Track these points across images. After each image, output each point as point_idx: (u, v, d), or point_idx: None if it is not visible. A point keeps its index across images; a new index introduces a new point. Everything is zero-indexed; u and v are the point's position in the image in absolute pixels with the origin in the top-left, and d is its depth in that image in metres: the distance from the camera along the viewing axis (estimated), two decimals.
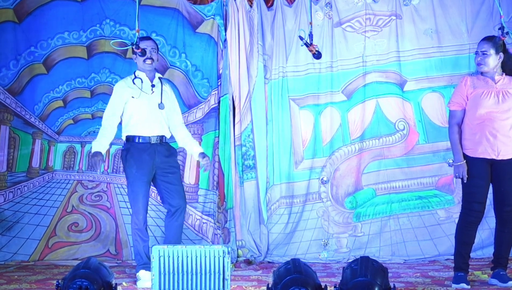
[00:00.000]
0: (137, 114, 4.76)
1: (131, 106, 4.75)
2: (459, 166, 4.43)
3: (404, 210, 5.93)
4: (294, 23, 6.11)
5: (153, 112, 4.78)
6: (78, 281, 3.27)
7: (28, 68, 6.11)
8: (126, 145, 4.80)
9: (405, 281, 4.55)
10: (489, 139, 4.35)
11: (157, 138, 4.78)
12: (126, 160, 4.74)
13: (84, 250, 5.91)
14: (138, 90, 4.76)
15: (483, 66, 4.43)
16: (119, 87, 4.84)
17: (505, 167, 4.38)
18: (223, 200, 6.05)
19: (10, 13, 6.07)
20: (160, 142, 4.80)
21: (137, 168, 4.69)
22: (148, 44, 4.84)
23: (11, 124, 6.05)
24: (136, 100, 4.74)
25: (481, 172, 4.39)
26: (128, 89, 4.78)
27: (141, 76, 4.84)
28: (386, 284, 3.24)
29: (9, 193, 6.00)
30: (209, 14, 6.17)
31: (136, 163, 4.69)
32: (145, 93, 4.78)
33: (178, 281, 3.51)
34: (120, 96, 4.79)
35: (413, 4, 6.04)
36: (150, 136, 4.75)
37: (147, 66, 4.83)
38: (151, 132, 4.76)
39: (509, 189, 4.38)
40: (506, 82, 4.43)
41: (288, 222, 6.01)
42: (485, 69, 4.43)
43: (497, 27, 5.28)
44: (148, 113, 4.77)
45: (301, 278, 3.23)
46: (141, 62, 4.81)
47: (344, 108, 6.09)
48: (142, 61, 4.79)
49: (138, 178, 4.69)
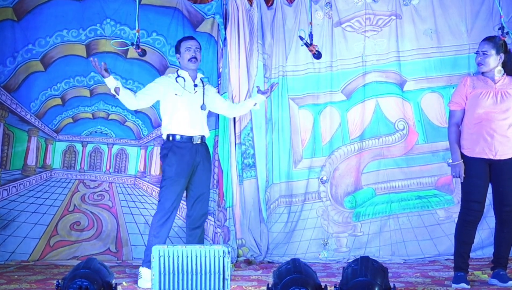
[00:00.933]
0: (180, 113, 4.75)
1: (174, 104, 4.74)
2: (456, 165, 4.44)
3: (403, 209, 5.94)
4: (294, 23, 6.12)
5: (195, 111, 4.79)
6: (78, 281, 3.27)
7: (25, 65, 6.10)
8: (167, 144, 4.77)
9: (405, 281, 4.55)
10: (487, 139, 4.35)
11: (198, 137, 4.79)
12: (166, 158, 4.71)
13: (85, 249, 5.92)
14: (182, 89, 4.76)
15: (483, 66, 4.43)
16: (164, 79, 4.87)
17: (503, 167, 4.38)
18: (222, 198, 6.05)
19: (9, 12, 6.07)
20: (201, 142, 4.82)
21: (178, 167, 4.68)
22: (192, 43, 4.85)
23: (5, 120, 6.04)
24: (179, 98, 4.73)
25: (479, 171, 4.40)
26: (173, 84, 4.78)
27: (184, 75, 4.84)
28: (386, 284, 3.24)
29: (3, 191, 5.98)
30: (209, 13, 6.18)
31: (177, 162, 4.68)
32: (188, 92, 4.78)
33: (178, 281, 3.51)
34: (162, 84, 4.79)
35: (413, 4, 6.04)
36: (192, 136, 4.76)
37: (191, 66, 4.83)
38: (193, 132, 4.76)
39: (508, 189, 4.38)
40: (506, 83, 4.43)
41: (287, 221, 6.02)
42: (485, 69, 4.44)
43: (497, 27, 5.29)
44: (190, 112, 4.77)
45: (301, 278, 3.23)
46: (185, 62, 4.82)
47: (343, 108, 6.09)
48: (187, 60, 4.80)
49: (177, 177, 4.68)
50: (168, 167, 4.69)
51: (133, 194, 6.12)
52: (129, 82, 6.16)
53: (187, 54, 4.80)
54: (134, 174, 6.18)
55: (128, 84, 6.15)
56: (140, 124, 6.19)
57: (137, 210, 6.06)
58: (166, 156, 4.73)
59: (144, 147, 6.19)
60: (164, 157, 4.75)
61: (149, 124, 6.19)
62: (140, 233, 5.99)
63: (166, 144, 4.78)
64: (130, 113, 6.16)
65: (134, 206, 6.08)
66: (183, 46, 4.83)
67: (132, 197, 6.11)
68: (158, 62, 6.18)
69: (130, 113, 6.16)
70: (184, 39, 4.92)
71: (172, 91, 4.74)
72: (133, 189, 6.14)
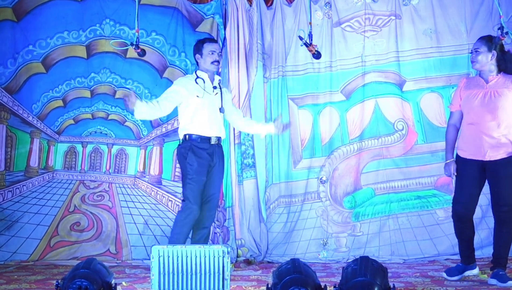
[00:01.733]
0: (200, 114, 4.78)
1: (195, 105, 4.77)
2: (447, 164, 4.57)
3: (403, 209, 5.94)
4: (293, 23, 6.12)
5: (215, 112, 4.84)
6: (78, 281, 3.28)
7: (25, 66, 6.11)
8: (185, 143, 4.79)
9: (404, 281, 4.55)
10: (476, 140, 4.40)
11: (216, 139, 4.83)
12: (187, 157, 4.74)
13: (84, 249, 5.93)
14: (202, 90, 4.79)
15: (475, 64, 4.48)
16: (184, 81, 4.87)
17: (496, 167, 4.39)
18: (222, 198, 6.05)
19: (8, 12, 6.07)
20: (218, 143, 4.86)
21: (198, 166, 4.72)
22: (216, 47, 4.91)
23: (8, 122, 6.05)
24: (199, 99, 4.76)
25: (469, 172, 4.45)
26: (193, 86, 4.80)
27: (203, 76, 4.86)
28: (386, 284, 3.24)
29: (8, 193, 6.00)
30: (208, 13, 6.18)
31: (197, 161, 4.72)
32: (208, 93, 4.81)
33: (178, 281, 3.51)
34: (184, 86, 4.80)
35: (412, 4, 6.04)
36: (211, 136, 4.79)
37: (213, 68, 4.88)
38: (211, 133, 4.80)
39: (503, 189, 4.39)
40: (499, 82, 4.42)
41: (287, 221, 6.02)
42: (477, 66, 4.48)
43: (496, 27, 5.29)
44: (210, 114, 4.80)
45: (301, 278, 3.23)
46: (208, 64, 4.84)
47: (343, 108, 6.09)
48: (209, 63, 4.83)
49: (197, 176, 4.72)
50: (190, 166, 4.73)
51: (132, 194, 6.12)
52: (129, 81, 6.16)
53: (210, 57, 4.83)
54: (133, 174, 6.18)
55: (128, 84, 6.16)
56: (140, 124, 6.19)
57: (136, 211, 6.07)
58: (186, 156, 4.75)
59: (143, 147, 6.19)
60: (184, 157, 4.77)
61: (149, 124, 6.19)
62: (139, 233, 5.99)
63: (185, 143, 4.80)
64: (130, 113, 6.16)
65: (134, 207, 6.08)
66: (206, 48, 4.84)
67: (131, 197, 6.11)
68: (158, 61, 6.18)
69: (129, 113, 6.16)
70: (207, 40, 4.94)
71: (194, 92, 4.77)
72: (133, 189, 6.14)
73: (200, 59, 4.89)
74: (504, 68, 4.46)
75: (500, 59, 4.44)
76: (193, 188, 4.72)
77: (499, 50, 4.44)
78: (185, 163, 4.77)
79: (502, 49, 4.47)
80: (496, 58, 4.43)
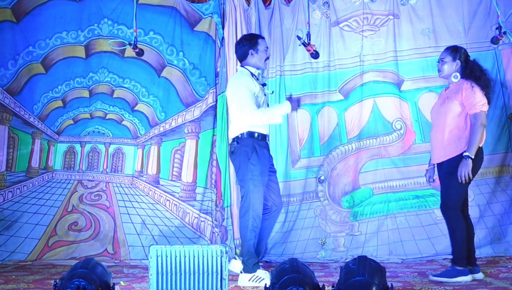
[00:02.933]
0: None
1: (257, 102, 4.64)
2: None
3: (401, 209, 5.94)
4: (291, 22, 6.12)
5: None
6: (76, 280, 3.27)
7: (26, 67, 6.11)
8: (246, 141, 4.59)
9: (402, 281, 4.55)
10: (431, 144, 4.76)
11: (268, 136, 4.77)
12: (250, 156, 4.56)
13: (82, 249, 5.92)
14: (259, 86, 4.71)
15: (440, 72, 4.72)
16: (249, 80, 4.67)
17: (439, 169, 4.67)
18: (220, 198, 6.05)
19: (8, 13, 6.07)
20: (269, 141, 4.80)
21: (262, 164, 4.59)
22: (266, 44, 4.82)
23: (10, 124, 6.06)
24: (263, 96, 4.70)
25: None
26: (257, 84, 4.69)
27: (255, 73, 4.78)
28: (384, 284, 3.24)
29: (8, 193, 6.00)
30: (206, 12, 6.18)
31: (260, 160, 4.58)
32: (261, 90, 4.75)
33: (176, 280, 3.51)
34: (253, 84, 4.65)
35: (410, 3, 6.04)
36: (266, 134, 4.70)
37: (265, 66, 4.84)
38: (267, 130, 4.72)
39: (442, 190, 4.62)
40: (453, 88, 4.63)
41: (285, 221, 6.01)
42: (441, 74, 4.74)
43: (494, 27, 5.30)
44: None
45: (299, 277, 3.22)
46: (262, 61, 4.75)
47: (341, 108, 6.10)
48: (263, 60, 4.75)
49: (262, 177, 4.59)
50: (253, 166, 4.55)
51: (130, 194, 6.12)
52: (126, 81, 6.17)
53: (264, 54, 4.74)
54: (131, 174, 6.18)
55: (126, 83, 6.17)
56: (137, 123, 6.19)
57: (134, 210, 6.07)
58: (249, 154, 4.57)
59: (141, 147, 6.19)
60: (246, 155, 4.58)
61: (146, 123, 6.19)
62: (137, 233, 5.99)
63: (246, 141, 4.60)
64: (127, 112, 6.17)
65: (131, 206, 6.08)
66: (262, 45, 4.73)
67: (129, 197, 6.11)
68: (156, 61, 6.18)
69: (126, 112, 6.17)
70: (260, 37, 4.83)
71: (257, 89, 4.66)
72: (130, 188, 6.14)
73: (255, 55, 4.72)
74: (468, 77, 4.58)
75: (464, 68, 4.61)
76: (258, 188, 4.55)
77: (464, 59, 4.61)
78: (247, 162, 4.58)
79: (466, 58, 4.63)
80: (460, 67, 4.61)
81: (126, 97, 6.20)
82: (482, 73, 4.58)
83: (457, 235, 4.54)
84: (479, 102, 4.46)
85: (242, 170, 4.60)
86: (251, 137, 4.59)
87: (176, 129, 6.18)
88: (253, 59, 4.73)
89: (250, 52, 4.73)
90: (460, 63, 4.61)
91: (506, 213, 5.77)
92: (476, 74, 4.56)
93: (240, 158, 4.60)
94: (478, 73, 4.56)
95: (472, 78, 4.55)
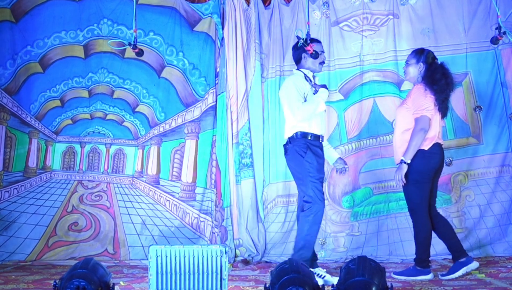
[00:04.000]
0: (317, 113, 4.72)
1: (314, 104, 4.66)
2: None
3: (401, 209, 5.92)
4: (291, 22, 6.12)
5: (322, 111, 4.80)
6: (76, 281, 3.26)
7: (24, 67, 6.12)
8: (299, 141, 4.67)
9: (402, 281, 4.54)
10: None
11: (322, 136, 4.80)
12: (305, 156, 4.63)
13: (82, 249, 5.92)
14: (313, 88, 4.75)
15: (405, 75, 4.83)
16: (302, 82, 4.74)
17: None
18: (220, 198, 6.05)
19: (7, 13, 6.08)
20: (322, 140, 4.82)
21: (318, 162, 4.66)
22: (321, 48, 4.84)
23: (7, 123, 6.05)
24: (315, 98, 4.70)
25: None
26: (308, 85, 4.73)
27: (310, 76, 4.81)
28: (384, 284, 3.24)
29: (5, 193, 5.99)
30: (206, 12, 6.18)
31: (317, 160, 4.65)
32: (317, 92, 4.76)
33: (176, 281, 3.50)
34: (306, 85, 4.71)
35: (410, 3, 6.04)
36: (320, 135, 4.75)
37: (319, 68, 4.84)
38: (321, 131, 4.77)
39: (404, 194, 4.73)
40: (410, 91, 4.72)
41: (285, 221, 6.01)
42: (406, 77, 4.84)
43: (494, 27, 5.29)
44: (320, 112, 4.76)
45: (299, 277, 3.22)
46: (316, 64, 4.78)
47: (341, 107, 6.10)
48: (318, 63, 4.77)
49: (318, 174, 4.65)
50: (309, 164, 4.62)
51: (130, 194, 6.12)
52: (127, 81, 6.17)
53: (320, 57, 4.75)
54: (131, 174, 6.18)
55: (126, 83, 6.16)
56: (138, 124, 6.19)
57: (134, 211, 6.07)
58: (303, 153, 4.63)
59: (141, 147, 6.19)
60: (301, 155, 4.64)
61: (147, 124, 6.19)
62: (137, 233, 5.99)
63: (299, 141, 4.67)
64: (128, 113, 6.16)
65: (131, 206, 6.08)
66: (317, 48, 4.72)
67: (129, 197, 6.11)
68: (155, 61, 6.18)
69: (127, 113, 6.17)
70: (314, 40, 4.82)
71: (310, 91, 4.70)
72: (131, 189, 6.14)
73: (308, 58, 4.77)
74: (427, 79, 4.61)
75: (427, 70, 4.64)
76: (318, 187, 4.62)
77: (427, 62, 4.66)
78: (303, 160, 4.64)
79: (430, 61, 4.67)
80: (424, 70, 4.65)
81: (126, 98, 6.20)
82: (443, 77, 4.59)
83: (421, 237, 4.62)
84: (422, 106, 4.52)
85: (298, 168, 4.69)
86: (304, 137, 4.67)
87: (176, 129, 6.18)
88: (307, 62, 4.80)
89: (303, 56, 4.80)
90: (424, 65, 4.65)
91: (506, 213, 5.76)
92: (435, 77, 4.58)
93: (294, 158, 4.70)
94: (438, 77, 4.58)
95: (430, 81, 4.58)
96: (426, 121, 4.50)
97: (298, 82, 4.73)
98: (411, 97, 4.62)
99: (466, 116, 5.97)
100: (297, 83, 4.71)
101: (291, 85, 4.72)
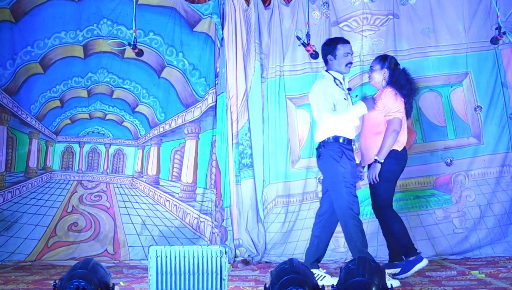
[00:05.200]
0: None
1: (342, 107, 4.64)
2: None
3: (401, 209, 5.90)
4: (291, 22, 6.12)
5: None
6: (76, 281, 3.27)
7: (24, 67, 6.12)
8: (333, 145, 4.63)
9: (402, 281, 4.54)
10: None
11: (354, 140, 4.77)
12: (339, 159, 4.59)
13: (82, 250, 5.92)
14: (343, 92, 4.72)
15: (370, 80, 5.01)
16: (331, 85, 4.69)
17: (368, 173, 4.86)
18: (220, 198, 6.05)
19: (7, 13, 6.08)
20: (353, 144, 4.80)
21: (352, 166, 4.62)
22: (349, 48, 4.80)
23: (8, 124, 6.06)
24: (344, 101, 4.67)
25: None
26: (338, 89, 4.69)
27: (339, 78, 4.77)
28: (384, 284, 3.23)
29: (8, 193, 6.00)
30: (206, 12, 6.18)
31: (350, 164, 4.61)
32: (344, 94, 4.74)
33: (176, 281, 3.50)
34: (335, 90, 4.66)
35: (410, 3, 6.04)
36: (352, 139, 4.72)
37: (347, 70, 4.81)
38: (352, 134, 4.73)
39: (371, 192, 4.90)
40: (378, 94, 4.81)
41: (284, 221, 6.00)
42: (371, 82, 5.01)
43: (494, 27, 5.29)
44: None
45: (299, 278, 3.22)
46: (342, 66, 4.73)
47: None
48: (344, 65, 4.73)
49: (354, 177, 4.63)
50: (344, 169, 4.58)
51: (130, 194, 6.12)
52: (126, 82, 6.16)
53: (345, 59, 4.73)
54: (131, 175, 6.17)
55: (125, 84, 6.16)
56: (138, 124, 6.19)
57: (134, 211, 6.06)
58: (338, 158, 4.60)
59: (141, 147, 6.19)
60: (335, 158, 4.60)
61: (147, 124, 6.19)
62: (137, 233, 5.99)
63: (332, 145, 4.63)
64: (127, 113, 6.16)
65: (131, 207, 6.08)
66: (341, 50, 4.72)
67: (129, 197, 6.11)
68: (155, 61, 6.18)
69: (127, 113, 6.17)
70: (341, 41, 4.81)
71: (341, 95, 4.67)
72: (130, 189, 6.14)
73: (334, 61, 4.75)
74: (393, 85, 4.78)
75: (391, 76, 4.81)
76: (352, 191, 4.60)
77: (391, 68, 4.83)
78: (337, 166, 4.60)
79: (393, 66, 4.85)
80: (388, 75, 4.82)
81: (126, 98, 6.20)
82: (407, 82, 4.81)
83: (396, 228, 4.76)
84: (394, 109, 4.69)
85: (332, 173, 4.65)
86: (337, 141, 4.64)
87: (176, 129, 6.17)
88: (333, 64, 4.77)
89: (329, 58, 4.78)
90: (388, 71, 4.82)
91: (506, 213, 5.76)
92: (401, 82, 4.77)
93: (328, 163, 4.65)
94: (403, 82, 4.78)
95: (396, 86, 4.76)
96: (398, 123, 4.70)
97: (327, 87, 4.67)
98: (382, 100, 4.72)
99: (466, 116, 5.96)
100: (326, 89, 4.66)
101: (320, 91, 4.67)
